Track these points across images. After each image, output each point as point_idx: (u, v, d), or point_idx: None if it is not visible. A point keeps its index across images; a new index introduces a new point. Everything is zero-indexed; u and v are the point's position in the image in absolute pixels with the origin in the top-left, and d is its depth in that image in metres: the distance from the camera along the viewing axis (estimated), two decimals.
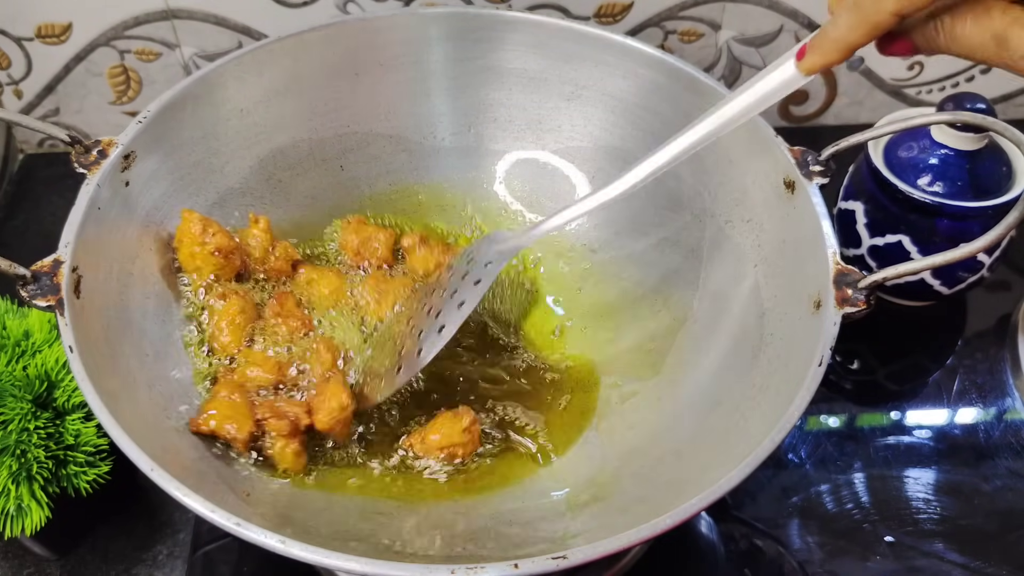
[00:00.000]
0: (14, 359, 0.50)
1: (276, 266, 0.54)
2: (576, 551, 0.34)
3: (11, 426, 0.47)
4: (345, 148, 0.59)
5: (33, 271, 0.41)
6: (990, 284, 0.66)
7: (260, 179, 0.56)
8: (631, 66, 0.56)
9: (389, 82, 0.59)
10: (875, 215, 0.60)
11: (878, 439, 0.59)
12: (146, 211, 0.50)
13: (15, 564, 0.53)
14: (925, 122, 0.43)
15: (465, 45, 0.58)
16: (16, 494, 0.47)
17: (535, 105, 0.60)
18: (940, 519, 0.55)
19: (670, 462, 0.48)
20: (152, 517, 0.55)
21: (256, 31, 0.70)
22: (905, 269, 0.41)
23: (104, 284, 0.45)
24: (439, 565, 0.34)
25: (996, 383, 0.62)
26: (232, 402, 0.46)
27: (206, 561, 0.53)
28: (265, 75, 0.55)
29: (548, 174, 0.61)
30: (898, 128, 0.43)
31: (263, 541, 0.35)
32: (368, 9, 0.69)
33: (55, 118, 0.75)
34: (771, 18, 0.71)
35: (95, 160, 0.46)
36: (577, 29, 0.57)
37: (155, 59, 0.71)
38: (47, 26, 0.69)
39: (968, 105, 0.54)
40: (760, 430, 0.40)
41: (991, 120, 0.42)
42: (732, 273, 0.52)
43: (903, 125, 0.43)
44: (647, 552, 0.53)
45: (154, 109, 0.49)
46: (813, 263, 0.44)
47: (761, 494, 0.56)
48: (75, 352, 0.39)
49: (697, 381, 0.52)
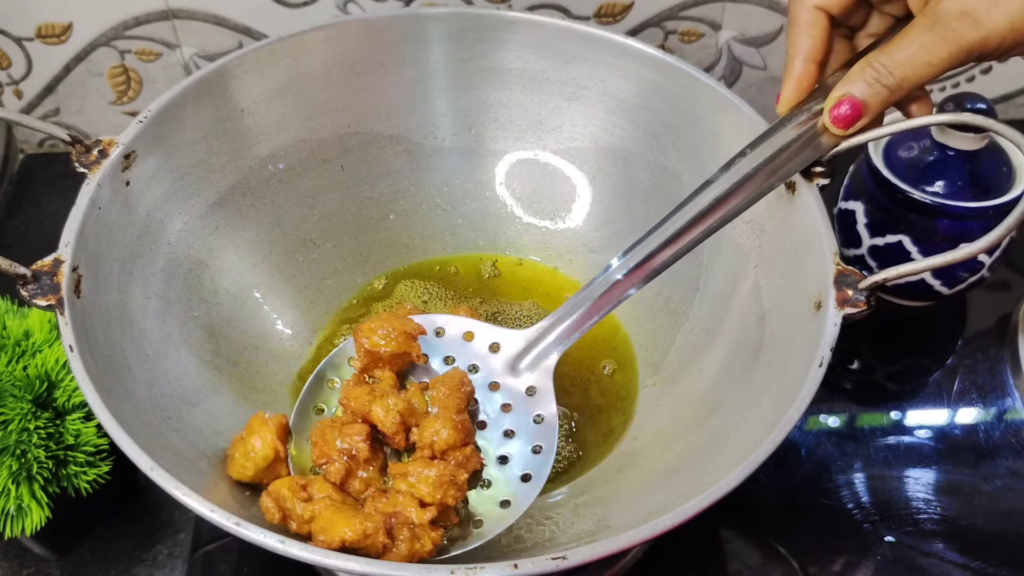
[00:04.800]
0: (14, 359, 0.50)
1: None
2: (576, 551, 0.34)
3: (11, 426, 0.47)
4: (345, 148, 0.59)
5: (33, 270, 0.41)
6: (990, 284, 0.66)
7: (260, 179, 0.56)
8: (631, 66, 0.56)
9: (389, 82, 0.59)
10: (875, 215, 0.60)
11: (878, 439, 0.59)
12: (146, 211, 0.50)
13: (15, 564, 0.53)
14: (925, 122, 0.43)
15: (465, 45, 0.58)
16: (16, 494, 0.47)
17: (536, 105, 0.60)
18: (940, 519, 0.55)
19: (670, 462, 0.48)
20: (152, 517, 0.55)
21: (256, 31, 0.70)
22: (906, 270, 0.41)
23: (104, 284, 0.45)
24: (439, 565, 0.34)
25: (996, 383, 0.62)
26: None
27: (206, 561, 0.53)
28: (265, 75, 0.55)
29: (549, 174, 0.61)
30: (898, 128, 0.43)
31: (263, 541, 0.35)
32: (368, 9, 0.69)
33: (55, 118, 0.75)
34: (771, 18, 0.71)
35: (96, 160, 0.46)
36: (577, 29, 0.57)
37: (155, 59, 0.71)
38: (47, 26, 0.69)
39: (968, 105, 0.55)
40: (760, 430, 0.40)
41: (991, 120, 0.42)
42: (732, 274, 0.52)
43: (903, 125, 0.43)
44: (647, 552, 0.53)
45: (155, 109, 0.49)
46: (813, 264, 0.44)
47: (761, 494, 0.56)
48: (75, 352, 0.39)
49: (697, 381, 0.52)
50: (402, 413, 0.43)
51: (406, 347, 0.45)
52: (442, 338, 0.48)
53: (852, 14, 0.45)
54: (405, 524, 0.40)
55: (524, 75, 0.59)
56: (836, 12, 0.44)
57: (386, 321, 0.45)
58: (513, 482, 0.44)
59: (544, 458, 0.44)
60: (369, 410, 0.43)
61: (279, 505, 0.40)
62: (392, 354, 0.45)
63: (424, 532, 0.40)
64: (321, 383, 0.47)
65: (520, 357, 0.47)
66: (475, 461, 0.43)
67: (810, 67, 0.44)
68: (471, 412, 0.45)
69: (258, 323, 0.55)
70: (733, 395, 0.47)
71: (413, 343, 0.45)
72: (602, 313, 0.45)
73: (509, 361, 0.47)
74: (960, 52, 0.39)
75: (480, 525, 0.42)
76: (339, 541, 0.37)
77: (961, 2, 0.38)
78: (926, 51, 0.39)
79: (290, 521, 0.40)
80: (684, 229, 0.44)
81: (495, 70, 0.59)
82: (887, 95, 0.41)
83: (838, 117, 0.42)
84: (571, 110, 0.60)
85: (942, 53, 0.39)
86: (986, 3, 0.38)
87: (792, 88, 0.45)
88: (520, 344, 0.47)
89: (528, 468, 0.44)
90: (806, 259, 0.45)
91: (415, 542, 0.39)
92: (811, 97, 0.45)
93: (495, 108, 0.60)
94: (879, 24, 0.46)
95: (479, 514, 0.43)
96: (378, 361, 0.45)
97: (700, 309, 0.55)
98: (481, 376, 0.47)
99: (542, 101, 0.60)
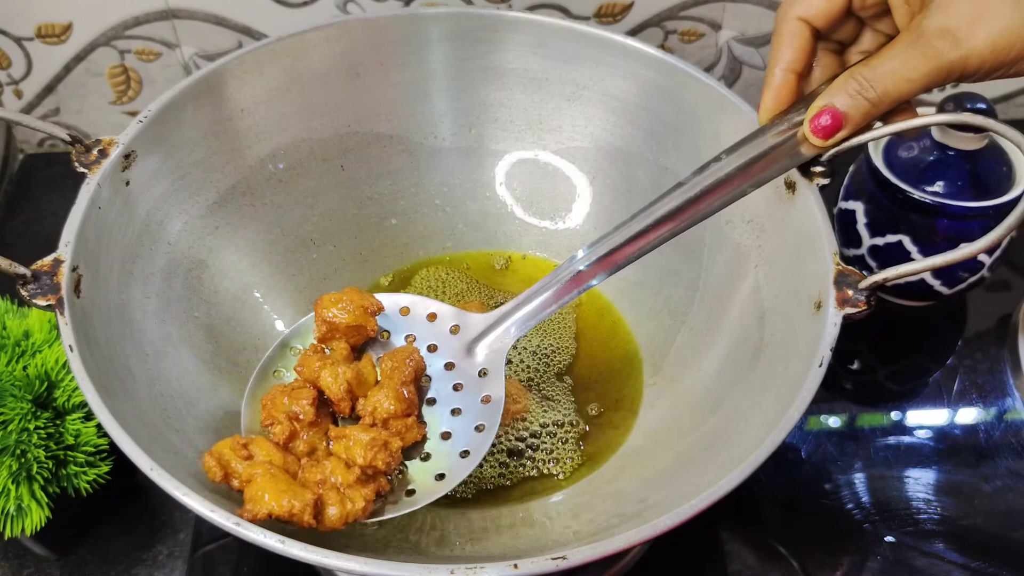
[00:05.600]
0: (14, 359, 0.50)
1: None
2: (576, 551, 0.34)
3: (11, 426, 0.47)
4: (345, 148, 0.59)
5: (33, 270, 0.41)
6: (990, 284, 0.66)
7: (260, 179, 0.56)
8: (631, 66, 0.56)
9: (389, 82, 0.59)
10: (875, 215, 0.60)
11: (878, 439, 0.59)
12: (146, 211, 0.50)
13: (15, 564, 0.53)
14: (925, 122, 0.43)
15: (465, 45, 0.58)
16: (16, 494, 0.47)
17: (536, 105, 0.60)
18: (940, 519, 0.55)
19: (670, 462, 0.48)
20: (152, 517, 0.55)
21: (256, 31, 0.70)
22: (906, 270, 0.41)
23: (104, 284, 0.45)
24: (439, 565, 0.34)
25: (996, 383, 0.62)
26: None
27: (206, 561, 0.53)
28: (265, 75, 0.55)
29: (549, 174, 0.61)
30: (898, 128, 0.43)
31: (263, 541, 0.35)
32: (368, 9, 0.69)
33: (55, 118, 0.75)
34: (771, 18, 0.71)
35: (95, 159, 0.46)
36: (577, 29, 0.57)
37: (155, 59, 0.71)
38: (47, 26, 0.69)
39: (968, 105, 0.54)
40: (760, 430, 0.40)
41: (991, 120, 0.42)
42: (732, 274, 0.52)
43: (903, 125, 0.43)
44: (647, 552, 0.53)
45: (155, 109, 0.49)
46: (813, 263, 0.44)
47: (761, 494, 0.56)
48: (75, 352, 0.39)
49: (697, 381, 0.52)
50: (350, 382, 0.45)
51: (362, 320, 0.47)
52: (406, 317, 0.49)
53: (837, 28, 0.45)
54: (333, 489, 0.41)
55: (524, 75, 0.59)
56: (820, 25, 0.44)
57: (346, 295, 0.47)
58: (452, 456, 0.45)
59: (485, 436, 0.45)
60: (319, 376, 0.45)
61: (220, 463, 0.41)
62: (348, 326, 0.46)
63: (354, 491, 0.41)
64: (284, 349, 0.49)
65: (477, 340, 0.48)
66: (415, 433, 0.45)
67: (789, 77, 0.44)
68: (422, 388, 0.47)
69: (258, 323, 0.55)
70: (733, 395, 0.47)
71: (370, 318, 0.47)
72: (562, 302, 0.46)
73: (467, 343, 0.48)
74: (939, 71, 0.39)
75: (412, 494, 0.44)
76: (265, 513, 0.39)
77: (943, 20, 0.38)
78: (907, 66, 0.39)
79: (232, 479, 0.41)
80: (650, 228, 0.45)
81: (495, 70, 0.59)
82: (868, 108, 0.41)
83: (818, 127, 0.42)
84: (571, 110, 0.60)
85: (922, 69, 0.39)
86: (968, 22, 0.38)
87: (771, 98, 0.45)
88: (480, 327, 0.48)
89: (468, 445, 0.45)
90: (806, 259, 0.45)
91: (345, 503, 0.41)
92: (794, 108, 0.45)
93: (495, 108, 0.60)
94: (871, 41, 0.45)
95: (413, 483, 0.44)
96: (335, 332, 0.47)
97: (700, 309, 0.55)
98: (439, 356, 0.48)
99: (542, 101, 0.60)
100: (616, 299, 0.59)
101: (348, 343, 0.47)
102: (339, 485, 0.41)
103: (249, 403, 0.46)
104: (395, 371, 0.45)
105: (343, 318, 0.46)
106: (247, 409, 0.46)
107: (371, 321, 0.47)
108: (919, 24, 0.39)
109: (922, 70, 0.39)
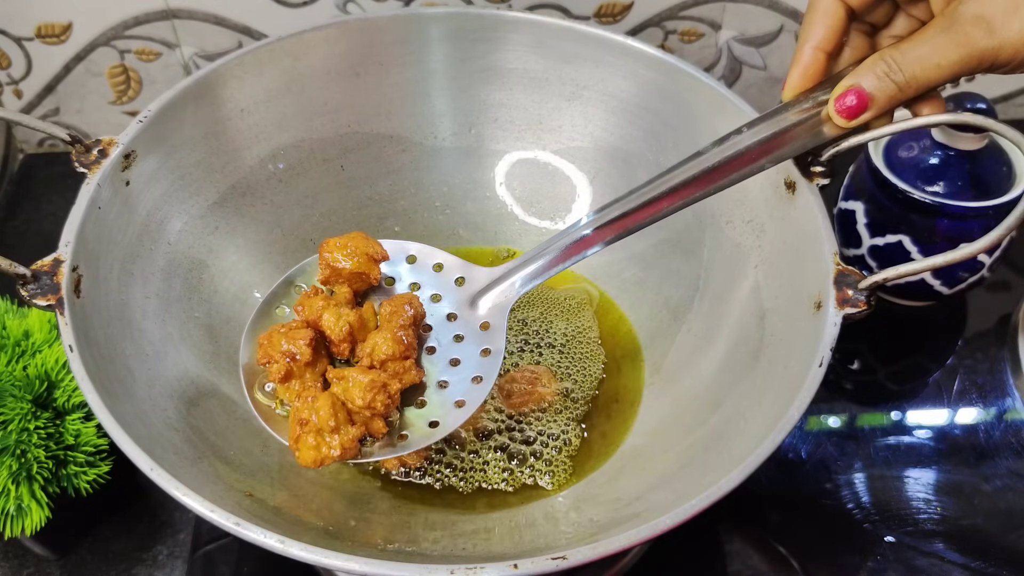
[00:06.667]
0: (14, 359, 0.50)
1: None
2: (576, 551, 0.34)
3: (11, 426, 0.47)
4: (345, 148, 0.59)
5: (33, 270, 0.41)
6: (990, 284, 0.66)
7: (260, 179, 0.56)
8: (631, 66, 0.56)
9: (389, 82, 0.59)
10: (875, 215, 0.60)
11: (878, 439, 0.59)
12: (146, 211, 0.50)
13: (15, 564, 0.53)
14: (925, 123, 0.43)
15: (465, 45, 0.58)
16: (16, 494, 0.47)
17: (536, 105, 0.60)
18: (940, 519, 0.55)
19: (670, 462, 0.48)
20: (152, 517, 0.55)
21: (256, 31, 0.70)
22: (906, 270, 0.41)
23: (104, 284, 0.45)
24: (439, 565, 0.34)
25: (996, 383, 0.62)
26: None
27: (206, 561, 0.53)
28: (265, 75, 0.55)
29: (549, 174, 0.61)
30: (898, 128, 0.43)
31: (263, 541, 0.35)
32: (368, 9, 0.69)
33: (55, 118, 0.75)
34: (771, 18, 0.71)
35: (95, 159, 0.46)
36: (577, 29, 0.57)
37: (155, 59, 0.71)
38: (47, 26, 0.69)
39: (968, 105, 0.55)
40: (760, 430, 0.40)
41: (991, 120, 0.42)
42: (732, 273, 0.52)
43: (903, 125, 0.43)
44: (647, 552, 0.53)
45: (154, 109, 0.49)
46: (813, 264, 0.44)
47: (761, 494, 0.56)
48: (75, 352, 0.39)
49: (697, 381, 0.52)
50: (352, 324, 0.45)
51: (366, 268, 0.46)
52: (413, 265, 0.49)
53: (873, 9, 0.44)
54: (315, 431, 0.41)
55: (524, 75, 0.59)
56: (855, 5, 0.43)
57: (352, 240, 0.47)
58: (447, 405, 0.45)
59: (482, 388, 0.45)
60: (320, 316, 0.45)
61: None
62: (351, 272, 0.46)
63: (332, 437, 0.41)
64: (288, 287, 0.48)
65: (482, 293, 0.48)
66: (412, 375, 0.45)
67: (819, 56, 0.43)
68: (423, 337, 0.47)
69: None
70: (733, 395, 0.47)
71: (374, 265, 0.47)
72: (567, 263, 0.46)
73: (471, 296, 0.48)
74: (971, 58, 0.38)
75: (405, 439, 0.44)
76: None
77: (978, 7, 0.38)
78: (937, 52, 0.39)
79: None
80: (664, 195, 0.44)
81: (495, 70, 0.59)
82: (895, 91, 0.40)
83: (843, 107, 0.41)
84: (571, 110, 0.60)
85: (952, 56, 0.38)
86: (1004, 12, 0.37)
87: (798, 75, 0.44)
88: (484, 281, 0.48)
89: (464, 396, 0.45)
90: (806, 259, 0.45)
91: (321, 447, 0.41)
92: (819, 87, 0.44)
93: (495, 108, 0.60)
94: (904, 26, 0.45)
95: (407, 429, 0.44)
96: (338, 276, 0.47)
97: (700, 309, 0.55)
98: (442, 305, 0.48)
99: (542, 101, 0.60)
100: (616, 298, 0.59)
101: (351, 288, 0.47)
102: (321, 428, 0.41)
103: (248, 339, 0.46)
104: (394, 315, 0.45)
105: (346, 265, 0.46)
106: (246, 346, 0.46)
107: (375, 269, 0.47)
108: (954, 10, 0.39)
109: (953, 57, 0.38)
